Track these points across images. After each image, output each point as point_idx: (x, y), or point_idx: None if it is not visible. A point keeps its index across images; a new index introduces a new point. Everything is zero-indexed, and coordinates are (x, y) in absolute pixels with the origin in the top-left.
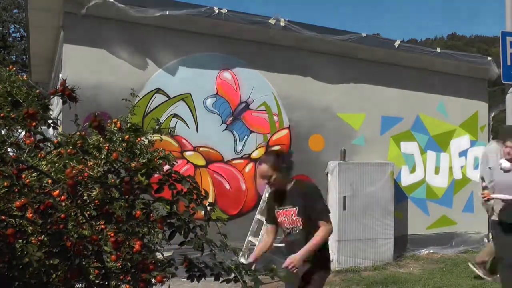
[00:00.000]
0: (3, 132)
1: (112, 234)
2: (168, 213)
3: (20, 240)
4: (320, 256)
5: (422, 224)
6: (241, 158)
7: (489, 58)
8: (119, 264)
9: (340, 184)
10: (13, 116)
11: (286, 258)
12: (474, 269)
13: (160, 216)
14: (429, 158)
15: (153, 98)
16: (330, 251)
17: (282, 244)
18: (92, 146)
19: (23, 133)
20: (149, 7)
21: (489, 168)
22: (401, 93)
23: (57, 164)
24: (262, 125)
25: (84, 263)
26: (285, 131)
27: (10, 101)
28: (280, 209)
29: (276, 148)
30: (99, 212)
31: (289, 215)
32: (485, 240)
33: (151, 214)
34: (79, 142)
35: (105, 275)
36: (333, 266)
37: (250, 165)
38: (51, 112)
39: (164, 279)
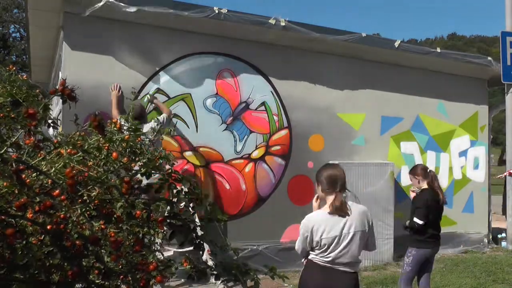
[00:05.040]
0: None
1: (112, 234)
2: (169, 213)
3: (20, 240)
4: None
5: None
6: (241, 158)
7: (489, 58)
8: (119, 264)
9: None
10: (13, 116)
11: None
12: None
13: (160, 216)
14: (429, 158)
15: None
16: None
17: None
18: (92, 146)
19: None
20: (149, 7)
21: None
22: (401, 93)
23: (57, 164)
24: (262, 125)
25: (84, 263)
26: (285, 131)
27: (10, 101)
28: None
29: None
30: (99, 212)
31: None
32: (485, 240)
33: (151, 214)
34: (79, 142)
35: (105, 275)
36: None
37: (250, 165)
38: (50, 112)
39: (164, 279)
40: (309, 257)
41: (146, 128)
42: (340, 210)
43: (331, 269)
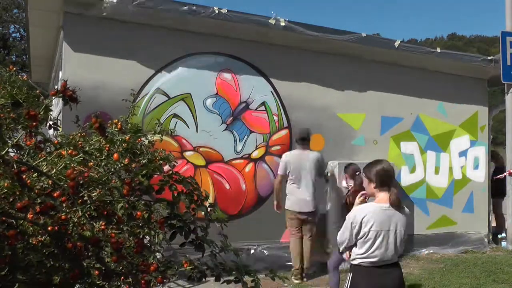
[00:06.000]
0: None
1: (113, 235)
2: (169, 214)
3: (21, 241)
4: None
5: (422, 224)
6: (241, 158)
7: (489, 58)
8: (121, 265)
9: (340, 184)
10: (13, 116)
11: None
12: None
13: (161, 217)
14: (429, 158)
15: (153, 98)
16: (330, 251)
17: None
18: (93, 147)
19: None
20: (149, 7)
21: None
22: (401, 93)
23: (58, 165)
24: (262, 125)
25: (85, 264)
26: (285, 131)
27: (10, 102)
28: None
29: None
30: (100, 213)
31: None
32: (485, 240)
33: (152, 215)
34: (79, 142)
35: (106, 276)
36: None
37: (250, 165)
38: (51, 113)
39: (164, 280)
40: (355, 262)
41: (311, 155)
42: (397, 204)
43: (378, 269)
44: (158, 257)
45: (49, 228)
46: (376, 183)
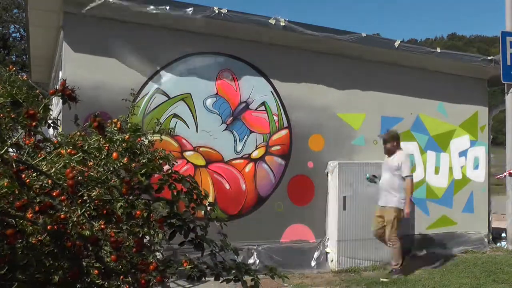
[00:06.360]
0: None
1: (112, 234)
2: (168, 213)
3: (21, 240)
4: None
5: (422, 224)
6: (241, 158)
7: (489, 58)
8: (121, 265)
9: (340, 184)
10: (13, 116)
11: None
12: None
13: (160, 216)
14: (429, 158)
15: (153, 98)
16: (330, 251)
17: None
18: (92, 146)
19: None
20: (149, 6)
21: None
22: (401, 93)
23: (57, 165)
24: (262, 125)
25: (84, 263)
26: (285, 131)
27: (10, 101)
28: None
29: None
30: (99, 212)
31: None
32: (485, 240)
33: (151, 214)
34: (79, 142)
35: (105, 275)
36: (333, 266)
37: (250, 165)
38: (50, 112)
39: (164, 279)
40: None
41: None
42: None
43: None
44: (158, 256)
45: (48, 227)
46: None
